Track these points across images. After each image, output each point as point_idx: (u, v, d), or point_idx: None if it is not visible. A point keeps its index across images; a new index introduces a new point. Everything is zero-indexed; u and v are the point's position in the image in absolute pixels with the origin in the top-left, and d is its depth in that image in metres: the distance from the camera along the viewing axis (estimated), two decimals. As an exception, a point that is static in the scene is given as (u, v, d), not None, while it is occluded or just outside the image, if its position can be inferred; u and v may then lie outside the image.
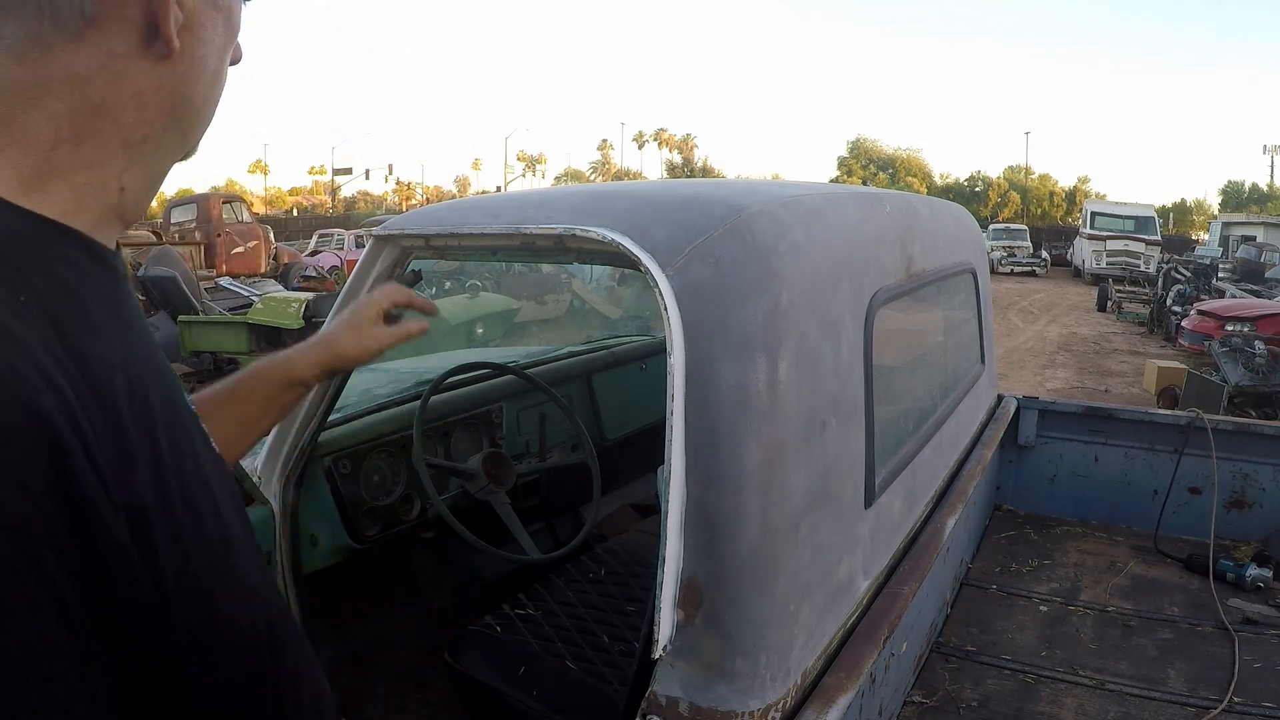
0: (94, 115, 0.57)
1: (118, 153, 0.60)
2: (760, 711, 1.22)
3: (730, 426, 1.22)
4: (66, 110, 0.56)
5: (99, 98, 0.57)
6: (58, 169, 0.57)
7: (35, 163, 0.56)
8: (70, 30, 0.55)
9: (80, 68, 0.56)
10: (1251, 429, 3.10)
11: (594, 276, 9.15)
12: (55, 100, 0.56)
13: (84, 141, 0.57)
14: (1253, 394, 7.91)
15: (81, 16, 0.55)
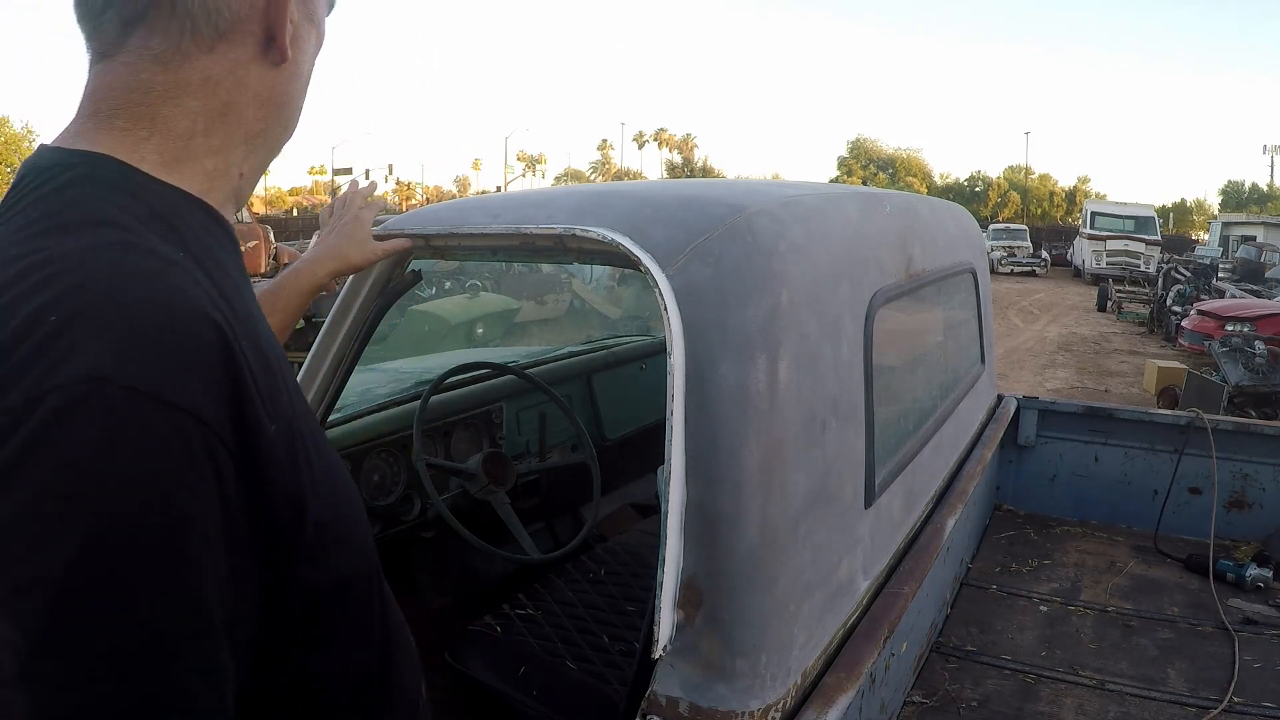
0: (222, 112, 0.68)
1: (239, 145, 0.71)
2: (760, 711, 1.22)
3: (730, 426, 1.22)
4: (201, 108, 0.67)
5: (226, 98, 0.68)
6: (193, 156, 0.68)
7: (176, 150, 0.67)
8: (205, 43, 0.66)
9: (212, 73, 0.67)
10: (1251, 429, 3.10)
11: (594, 276, 9.14)
12: (191, 99, 0.67)
13: (213, 134, 0.68)
14: (1253, 394, 7.91)
15: (215, 31, 0.66)
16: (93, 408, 0.52)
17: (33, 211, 0.62)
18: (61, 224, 0.60)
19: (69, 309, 0.55)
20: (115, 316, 0.55)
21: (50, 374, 0.52)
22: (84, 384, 0.52)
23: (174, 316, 0.58)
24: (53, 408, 0.52)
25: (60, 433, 0.52)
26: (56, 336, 0.53)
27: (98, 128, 0.66)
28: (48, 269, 0.57)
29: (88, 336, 0.54)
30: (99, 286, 0.56)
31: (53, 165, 0.65)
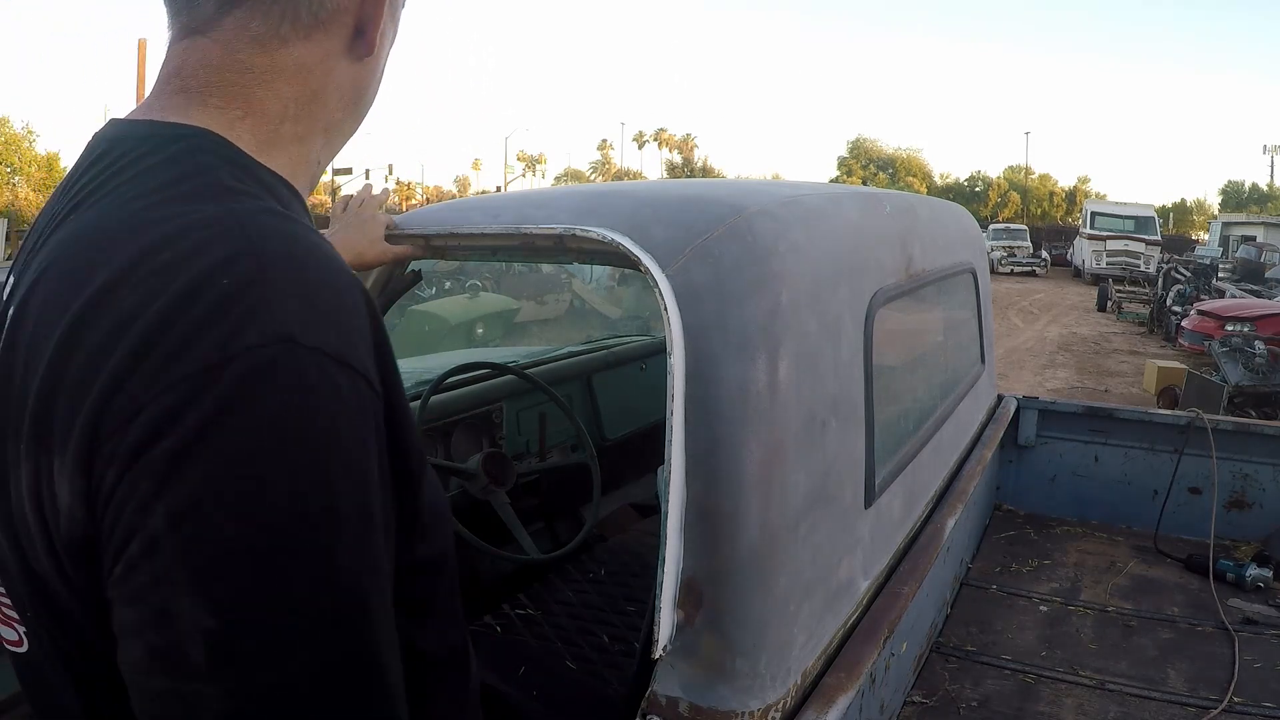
0: (310, 100, 0.68)
1: (320, 133, 0.71)
2: (760, 711, 1.22)
3: (730, 426, 1.22)
4: (292, 94, 0.67)
5: (315, 86, 0.68)
6: (280, 141, 0.68)
7: (268, 133, 0.67)
8: (303, 30, 0.66)
9: (306, 60, 0.67)
10: (1251, 429, 3.10)
11: (594, 276, 9.13)
12: (285, 85, 0.66)
13: (300, 121, 0.69)
14: (1253, 394, 7.91)
15: (315, 19, 0.66)
16: (286, 368, 0.52)
17: (149, 180, 0.60)
18: (192, 191, 0.59)
19: (244, 271, 0.54)
20: (292, 279, 0.55)
21: (237, 335, 0.51)
22: (275, 345, 0.52)
23: (338, 280, 0.58)
24: (247, 368, 0.51)
25: (256, 394, 0.51)
26: (235, 298, 0.52)
27: (189, 104, 0.65)
28: (205, 232, 0.55)
29: (270, 298, 0.53)
30: (270, 249, 0.56)
31: (151, 136, 0.63)
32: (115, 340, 0.52)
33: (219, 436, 0.50)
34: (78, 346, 0.53)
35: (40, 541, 0.55)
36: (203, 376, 0.50)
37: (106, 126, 0.68)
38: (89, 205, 0.61)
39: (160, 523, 0.49)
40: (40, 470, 0.54)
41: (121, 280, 0.54)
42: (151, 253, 0.55)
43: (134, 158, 0.62)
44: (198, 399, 0.50)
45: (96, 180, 0.63)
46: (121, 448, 0.50)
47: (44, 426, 0.54)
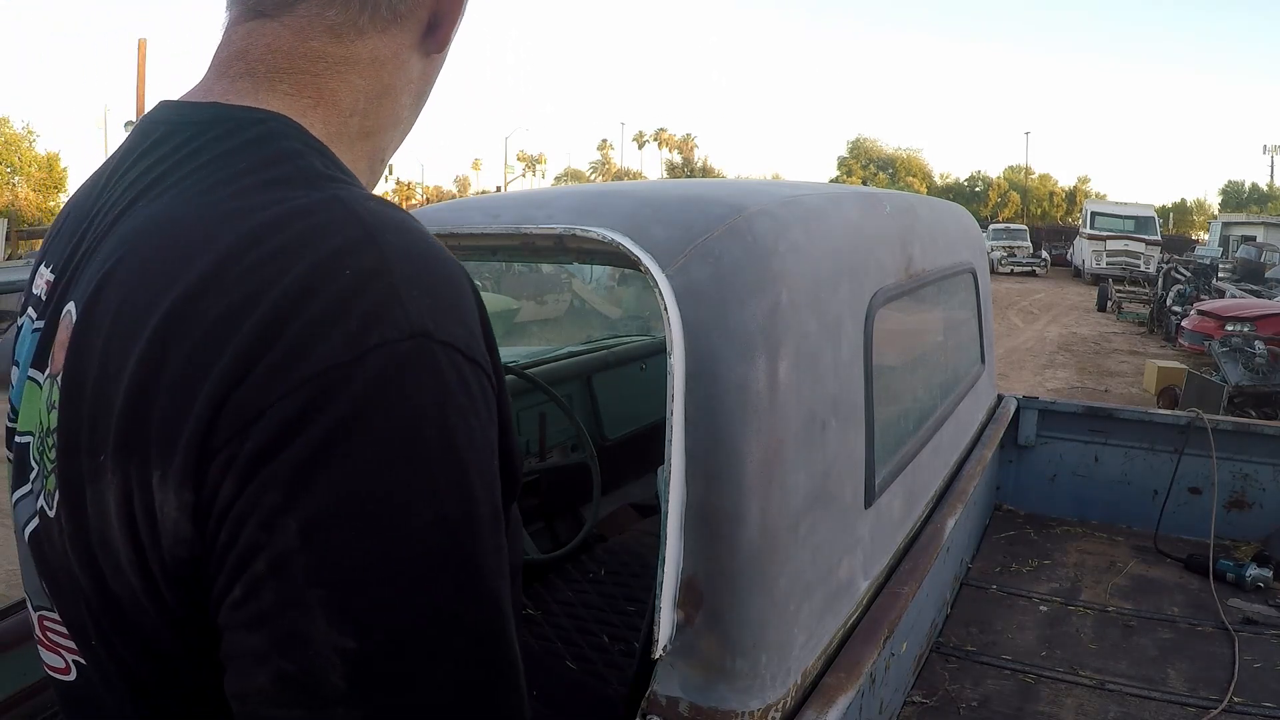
0: (382, 94, 0.66)
1: (387, 128, 0.68)
2: (760, 711, 1.22)
3: (730, 426, 1.22)
4: (364, 86, 0.64)
5: (388, 80, 0.65)
6: (349, 135, 0.65)
7: (337, 126, 0.64)
8: (381, 22, 0.63)
9: (380, 53, 0.64)
10: (1251, 429, 3.10)
11: (594, 276, 9.13)
12: (357, 77, 0.64)
13: (370, 115, 0.66)
14: (1253, 394, 7.91)
15: (393, 12, 0.63)
16: (423, 365, 0.48)
17: (230, 164, 0.56)
18: (285, 175, 0.55)
19: (366, 260, 0.50)
20: (415, 269, 0.51)
21: (368, 331, 0.47)
22: (408, 340, 0.48)
23: (453, 269, 0.54)
24: (381, 366, 0.47)
25: (392, 393, 0.47)
26: (361, 290, 0.48)
27: (257, 88, 0.61)
28: (314, 218, 0.51)
29: (398, 289, 0.49)
30: (388, 237, 0.51)
31: (223, 119, 0.59)
32: (223, 339, 0.47)
33: (354, 441, 0.46)
34: (175, 347, 0.48)
35: (129, 561, 0.50)
36: (332, 376, 0.46)
37: (159, 109, 0.64)
38: (158, 193, 0.56)
39: (291, 539, 0.44)
40: (133, 483, 0.49)
41: (223, 272, 0.49)
42: (255, 241, 0.50)
43: (206, 141, 0.58)
44: (328, 401, 0.46)
45: (162, 166, 0.58)
46: (240, 458, 0.46)
47: (138, 436, 0.48)
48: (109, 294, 0.53)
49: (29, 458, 0.59)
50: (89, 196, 0.63)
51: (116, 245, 0.55)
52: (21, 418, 0.61)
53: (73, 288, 0.58)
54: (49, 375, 0.57)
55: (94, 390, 0.51)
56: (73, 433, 0.52)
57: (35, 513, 0.57)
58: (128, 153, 0.62)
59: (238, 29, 0.63)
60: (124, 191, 0.59)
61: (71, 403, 0.53)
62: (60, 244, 0.64)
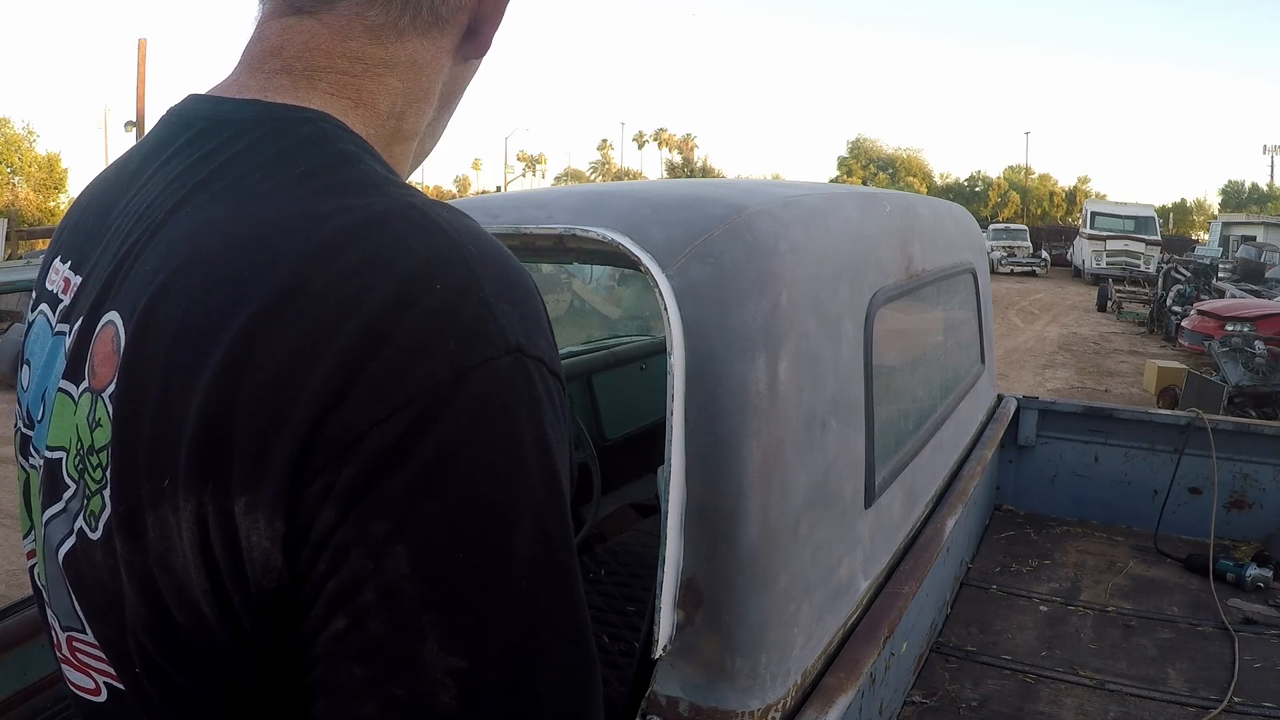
0: (418, 98, 0.64)
1: (421, 133, 0.66)
2: (760, 711, 1.22)
3: (730, 426, 1.22)
4: (402, 89, 0.62)
5: (425, 84, 0.64)
6: (385, 137, 0.63)
7: (376, 128, 0.61)
8: (422, 25, 0.61)
9: (419, 57, 0.62)
10: (1251, 429, 3.10)
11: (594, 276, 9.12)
12: (396, 79, 0.61)
13: (406, 119, 0.64)
14: (1253, 394, 7.91)
15: (435, 15, 0.61)
16: (522, 381, 0.47)
17: (287, 166, 0.53)
18: (350, 180, 0.53)
19: (457, 273, 0.48)
20: (500, 281, 0.49)
21: (469, 347, 0.46)
22: (505, 357, 0.47)
23: (527, 277, 0.52)
24: (485, 384, 0.46)
25: (497, 411, 0.46)
26: (457, 305, 0.46)
27: (296, 85, 0.58)
28: (394, 227, 0.49)
29: (491, 303, 0.47)
30: (471, 248, 0.49)
31: (269, 118, 0.56)
32: (310, 360, 0.45)
33: (460, 464, 0.44)
34: (255, 367, 0.45)
35: (204, 592, 0.47)
36: (435, 396, 0.44)
37: (191, 103, 0.61)
38: (209, 197, 0.53)
39: (401, 566, 0.43)
40: (209, 511, 0.46)
41: (303, 285, 0.46)
42: (335, 252, 0.47)
43: (255, 140, 0.55)
44: (432, 423, 0.44)
45: (207, 166, 0.54)
46: (340, 484, 0.44)
47: (215, 462, 0.45)
48: (167, 307, 0.49)
49: (61, 474, 0.55)
50: (115, 192, 0.60)
51: (168, 254, 0.51)
52: (52, 431, 0.57)
53: (113, 296, 0.53)
54: (88, 389, 0.53)
55: (156, 411, 0.48)
56: (130, 455, 0.49)
57: (72, 533, 0.54)
58: (158, 148, 0.58)
59: (272, 24, 0.60)
60: (162, 192, 0.55)
61: (128, 423, 0.49)
62: (80, 240, 0.61)
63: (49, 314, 0.61)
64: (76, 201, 0.66)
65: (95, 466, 0.52)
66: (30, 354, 0.63)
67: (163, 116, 0.61)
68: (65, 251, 0.62)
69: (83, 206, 0.64)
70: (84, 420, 0.53)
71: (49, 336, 0.60)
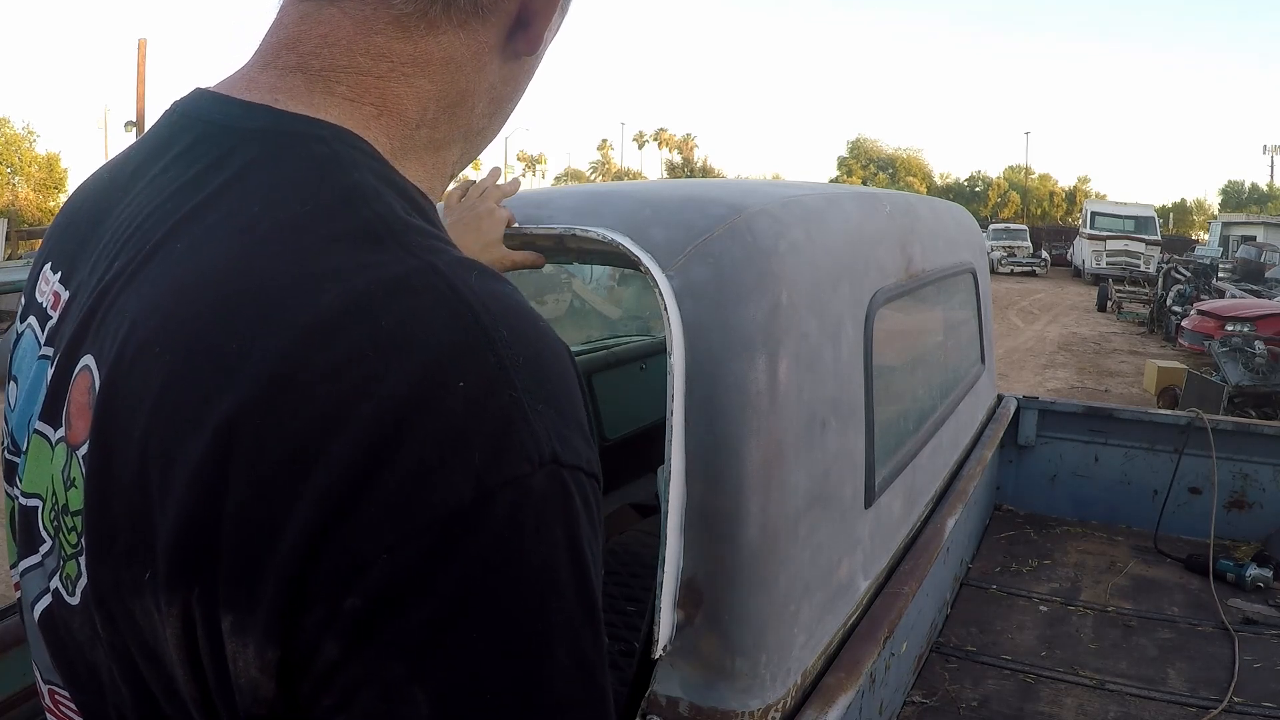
0: (455, 102, 0.56)
1: (459, 140, 0.58)
2: (760, 711, 1.22)
3: (730, 426, 1.22)
4: (434, 93, 0.54)
5: (463, 86, 0.55)
6: (414, 148, 0.55)
7: (401, 139, 0.54)
8: (456, 16, 0.53)
9: (456, 54, 0.54)
10: (1251, 429, 3.10)
11: (594, 276, 9.13)
12: (427, 81, 0.54)
13: (439, 126, 0.56)
14: (1253, 394, 7.91)
15: (473, 5, 0.52)
16: (556, 498, 0.41)
17: (289, 199, 0.46)
18: (361, 227, 0.45)
19: (483, 368, 0.41)
20: (534, 374, 0.43)
21: (494, 462, 0.39)
22: (538, 471, 0.40)
23: (564, 359, 0.46)
24: (512, 505, 0.39)
25: (528, 538, 0.40)
26: (480, 408, 0.40)
27: (311, 87, 0.51)
28: (410, 301, 0.42)
29: (522, 404, 0.41)
30: (500, 332, 0.42)
31: (276, 131, 0.49)
32: (305, 466, 0.38)
33: (485, 598, 0.39)
34: (244, 464, 0.39)
35: (191, 697, 0.43)
36: (456, 519, 0.38)
37: (196, 101, 0.54)
38: (200, 230, 0.46)
39: (421, 711, 0.38)
40: (195, 617, 0.40)
41: (302, 368, 0.40)
42: (334, 330, 0.40)
43: (256, 159, 0.48)
44: (452, 552, 0.38)
45: (203, 189, 0.48)
46: (344, 616, 0.38)
47: (199, 568, 0.40)
48: (145, 368, 0.43)
49: (38, 525, 0.51)
50: (109, 197, 0.55)
51: (150, 303, 0.45)
52: (28, 476, 0.52)
53: (91, 335, 0.48)
54: (63, 440, 0.48)
55: (132, 490, 0.42)
56: (105, 537, 0.44)
57: (48, 591, 0.50)
58: (156, 150, 0.53)
59: (291, 11, 0.53)
60: (153, 213, 0.49)
61: (101, 498, 0.44)
62: (72, 247, 0.56)
63: (37, 331, 0.56)
64: (71, 200, 0.61)
65: (70, 529, 0.47)
66: (17, 370, 0.58)
67: (166, 111, 0.56)
68: (56, 258, 0.57)
69: (75, 208, 0.59)
70: (59, 474, 0.48)
71: (34, 358, 0.55)
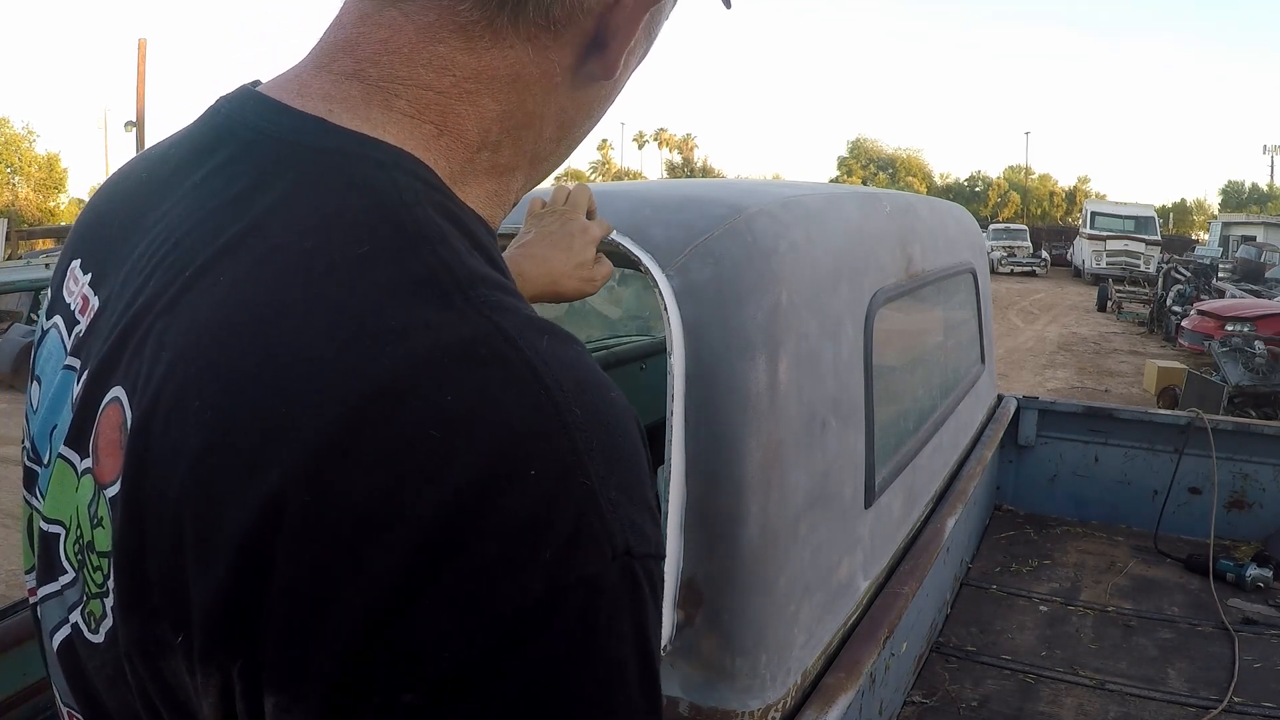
0: (522, 125, 0.51)
1: (524, 166, 0.53)
2: (760, 711, 1.22)
3: (730, 426, 1.22)
4: (498, 113, 0.49)
5: (531, 108, 0.50)
6: (474, 173, 0.50)
7: (462, 163, 0.49)
8: (525, 29, 0.47)
9: (524, 71, 0.49)
10: (1251, 429, 3.10)
11: (594, 276, 9.13)
12: (490, 100, 0.49)
13: (502, 150, 0.51)
14: (1253, 394, 7.91)
15: (545, 17, 0.47)
16: (625, 592, 0.39)
17: (347, 240, 0.41)
18: (424, 276, 0.41)
19: (556, 453, 0.38)
20: (607, 458, 0.39)
21: (568, 558, 0.37)
22: (611, 564, 0.38)
23: (633, 434, 0.42)
24: (585, 603, 0.37)
25: (598, 637, 0.38)
26: (554, 498, 0.37)
27: (369, 100, 0.47)
28: (473, 373, 0.38)
29: (597, 493, 0.38)
30: (575, 410, 0.39)
31: (335, 151, 0.45)
32: (358, 553, 0.35)
33: (554, 697, 0.37)
34: (291, 545, 0.36)
35: None
36: (522, 619, 0.36)
37: (243, 102, 0.49)
38: (244, 267, 0.42)
39: None
40: (235, 693, 0.38)
41: (349, 448, 0.36)
42: (393, 403, 0.37)
43: (308, 180, 0.44)
44: (519, 651, 0.36)
45: (249, 211, 0.43)
46: (400, 710, 0.36)
47: (241, 645, 0.37)
48: (183, 422, 0.39)
49: (59, 554, 0.48)
50: (144, 201, 0.50)
51: (190, 341, 0.41)
52: (50, 500, 0.49)
53: (124, 365, 0.44)
54: (89, 472, 0.45)
55: (166, 552, 0.39)
56: (135, 590, 0.41)
57: (67, 623, 0.48)
58: (197, 153, 0.48)
59: (352, 9, 0.49)
60: (194, 229, 0.45)
61: (132, 555, 0.41)
62: (102, 248, 0.52)
63: (63, 334, 0.53)
64: (102, 194, 0.56)
65: (95, 569, 0.44)
66: (41, 371, 0.55)
67: (211, 109, 0.51)
68: (86, 257, 0.53)
69: (107, 204, 0.55)
70: (85, 507, 0.45)
71: (60, 367, 0.52)
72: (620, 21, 0.49)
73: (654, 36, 0.56)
